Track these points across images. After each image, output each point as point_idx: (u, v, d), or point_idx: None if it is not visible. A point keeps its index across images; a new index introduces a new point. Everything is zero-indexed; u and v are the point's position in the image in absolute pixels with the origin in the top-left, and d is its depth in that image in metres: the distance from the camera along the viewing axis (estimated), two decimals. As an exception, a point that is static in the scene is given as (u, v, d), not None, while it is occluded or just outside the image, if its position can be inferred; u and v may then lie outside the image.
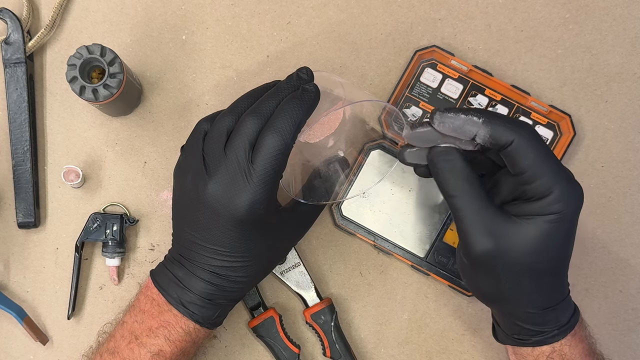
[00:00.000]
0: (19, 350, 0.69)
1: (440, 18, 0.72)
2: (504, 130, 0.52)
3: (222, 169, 0.54)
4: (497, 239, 0.53)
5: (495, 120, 0.53)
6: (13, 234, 0.70)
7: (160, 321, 0.58)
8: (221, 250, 0.56)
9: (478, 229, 0.54)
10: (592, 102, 0.71)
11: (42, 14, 0.72)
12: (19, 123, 0.69)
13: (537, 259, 0.54)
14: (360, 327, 0.70)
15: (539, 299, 0.56)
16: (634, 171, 0.71)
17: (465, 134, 0.53)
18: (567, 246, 0.56)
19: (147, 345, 0.57)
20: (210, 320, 0.58)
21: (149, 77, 0.71)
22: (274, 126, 0.54)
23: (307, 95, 0.55)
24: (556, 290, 0.57)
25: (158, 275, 0.59)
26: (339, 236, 0.71)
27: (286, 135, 0.54)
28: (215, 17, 0.72)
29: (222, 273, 0.57)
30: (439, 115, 0.54)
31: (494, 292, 0.58)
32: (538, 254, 0.53)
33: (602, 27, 0.72)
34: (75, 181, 0.68)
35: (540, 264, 0.54)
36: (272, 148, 0.53)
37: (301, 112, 0.54)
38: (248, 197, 0.54)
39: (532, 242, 0.53)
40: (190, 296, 0.57)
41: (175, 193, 0.59)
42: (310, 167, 0.66)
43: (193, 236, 0.57)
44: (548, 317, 0.56)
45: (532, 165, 0.52)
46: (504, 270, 0.55)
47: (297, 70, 0.58)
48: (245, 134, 0.54)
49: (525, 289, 0.55)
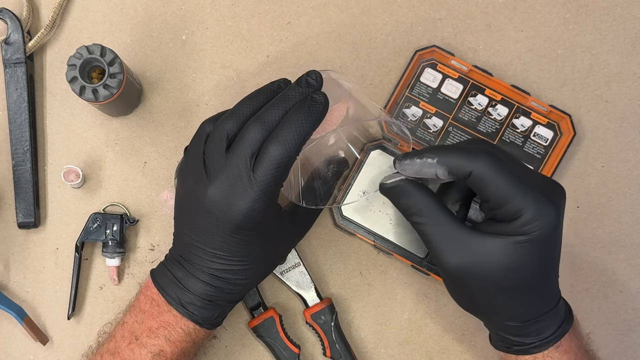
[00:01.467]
0: (19, 350, 0.69)
1: (440, 18, 0.72)
2: (459, 165, 0.53)
3: (222, 175, 0.54)
4: (466, 256, 0.54)
5: (449, 157, 0.53)
6: (13, 234, 0.70)
7: (160, 321, 0.58)
8: (220, 254, 0.56)
9: (446, 248, 0.54)
10: (592, 102, 0.71)
11: (42, 14, 0.72)
12: (19, 123, 0.69)
13: (507, 277, 0.53)
14: (360, 327, 0.70)
15: (515, 313, 0.56)
16: (634, 171, 0.71)
17: (427, 175, 0.55)
18: (543, 265, 0.55)
19: (147, 346, 0.57)
20: (210, 320, 0.58)
21: (149, 77, 0.71)
22: (279, 137, 0.53)
23: (315, 107, 0.54)
24: (534, 305, 0.56)
25: (158, 275, 0.59)
26: (339, 236, 0.71)
27: (290, 148, 0.53)
28: (215, 17, 0.72)
29: (221, 276, 0.57)
30: (398, 164, 0.56)
31: (470, 304, 0.59)
32: (508, 272, 0.53)
33: (602, 27, 0.72)
34: (75, 181, 0.68)
35: (510, 282, 0.54)
36: (275, 159, 0.52)
37: (308, 124, 0.53)
38: (247, 205, 0.53)
39: (500, 260, 0.53)
40: (190, 297, 0.57)
41: (177, 194, 0.59)
42: (310, 166, 0.65)
43: (192, 239, 0.57)
44: (529, 330, 0.56)
45: (495, 193, 0.52)
46: (475, 286, 0.55)
47: (306, 74, 0.56)
48: (249, 143, 0.53)
49: (498, 304, 0.56)
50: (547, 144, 0.69)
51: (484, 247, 0.53)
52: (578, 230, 0.70)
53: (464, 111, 0.69)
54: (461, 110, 0.69)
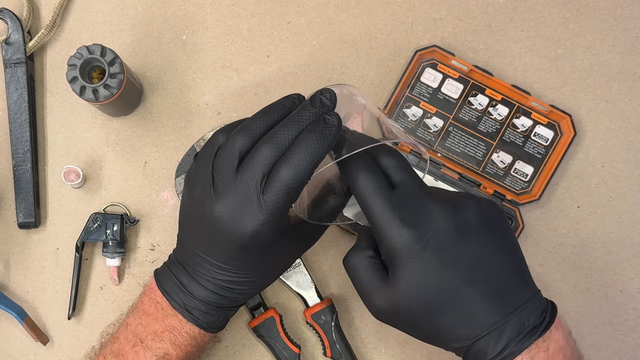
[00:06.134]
0: (20, 351, 0.69)
1: (440, 18, 0.72)
2: (344, 173, 0.55)
3: (231, 194, 0.53)
4: (377, 298, 0.53)
5: (342, 165, 0.54)
6: (13, 234, 0.70)
7: (165, 325, 0.57)
8: (225, 267, 0.56)
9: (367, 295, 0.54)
10: (592, 101, 0.71)
11: (43, 14, 0.72)
12: (20, 123, 0.69)
13: (414, 304, 0.51)
14: (360, 327, 0.70)
15: (452, 337, 0.52)
16: (634, 171, 0.71)
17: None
18: (439, 287, 0.51)
19: (152, 349, 0.57)
20: (215, 325, 0.59)
21: (149, 77, 0.71)
22: (291, 161, 0.52)
23: (328, 130, 0.52)
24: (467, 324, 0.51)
25: (162, 277, 0.59)
26: (340, 236, 0.71)
27: (302, 172, 0.51)
28: (215, 17, 0.72)
29: (226, 286, 0.57)
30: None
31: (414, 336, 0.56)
32: (411, 301, 0.51)
33: (603, 27, 0.72)
34: (76, 181, 0.68)
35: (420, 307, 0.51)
36: (286, 183, 0.51)
37: (321, 148, 0.52)
38: (255, 227, 0.52)
39: (400, 291, 0.52)
40: (195, 302, 0.57)
41: (184, 200, 0.59)
42: (320, 181, 0.64)
43: (197, 248, 0.56)
44: (478, 346, 0.51)
45: (365, 226, 0.54)
46: (399, 322, 0.54)
47: (320, 93, 0.55)
48: (260, 163, 0.52)
49: (427, 333, 0.53)
50: (547, 144, 0.69)
51: (386, 284, 0.53)
52: (578, 230, 0.70)
53: (465, 111, 0.69)
54: (461, 110, 0.69)
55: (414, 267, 0.50)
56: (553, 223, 0.70)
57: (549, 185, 0.69)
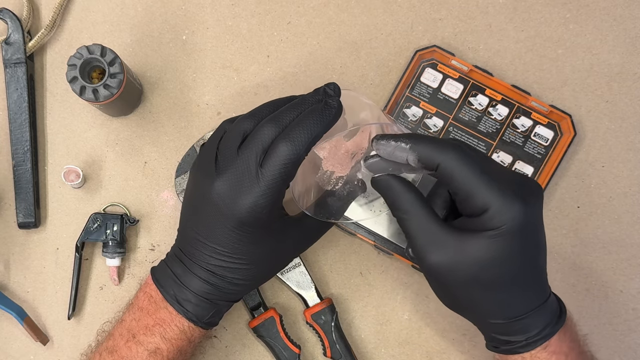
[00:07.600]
0: (19, 351, 0.69)
1: (440, 18, 0.72)
2: (429, 155, 0.54)
3: (231, 169, 0.55)
4: (442, 253, 0.54)
5: (421, 145, 0.54)
6: (13, 234, 0.70)
7: (156, 319, 0.58)
8: (220, 250, 0.56)
9: (424, 244, 0.55)
10: (592, 102, 0.71)
11: (43, 14, 0.72)
12: (19, 123, 0.69)
13: (484, 272, 0.53)
14: (360, 327, 0.70)
15: (497, 310, 0.56)
16: (634, 171, 0.71)
17: (398, 158, 0.55)
18: (522, 261, 0.54)
19: (144, 344, 0.58)
20: (204, 319, 0.59)
21: (149, 77, 0.71)
22: (288, 135, 0.54)
23: (327, 110, 0.55)
24: (517, 302, 0.56)
25: (157, 271, 0.60)
26: (340, 236, 0.71)
27: (299, 146, 0.53)
28: (215, 17, 0.72)
29: (219, 273, 0.57)
30: (375, 142, 0.56)
31: (453, 302, 0.58)
32: (484, 268, 0.53)
33: (603, 27, 0.72)
34: (76, 181, 0.68)
35: (488, 277, 0.54)
36: (283, 156, 0.53)
37: (319, 125, 0.54)
38: (251, 199, 0.54)
39: (475, 256, 0.53)
40: (186, 294, 0.57)
41: (187, 188, 0.60)
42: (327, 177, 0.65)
43: (195, 232, 0.57)
44: (514, 328, 0.56)
45: (462, 186, 0.53)
46: (454, 283, 0.55)
47: (325, 84, 0.57)
48: (260, 139, 0.54)
49: (478, 301, 0.55)
50: (547, 144, 0.69)
51: (461, 244, 0.54)
52: (578, 230, 0.70)
53: (465, 111, 0.69)
54: (461, 110, 0.69)
55: (506, 238, 0.53)
56: (553, 223, 0.70)
57: (549, 185, 0.69)
